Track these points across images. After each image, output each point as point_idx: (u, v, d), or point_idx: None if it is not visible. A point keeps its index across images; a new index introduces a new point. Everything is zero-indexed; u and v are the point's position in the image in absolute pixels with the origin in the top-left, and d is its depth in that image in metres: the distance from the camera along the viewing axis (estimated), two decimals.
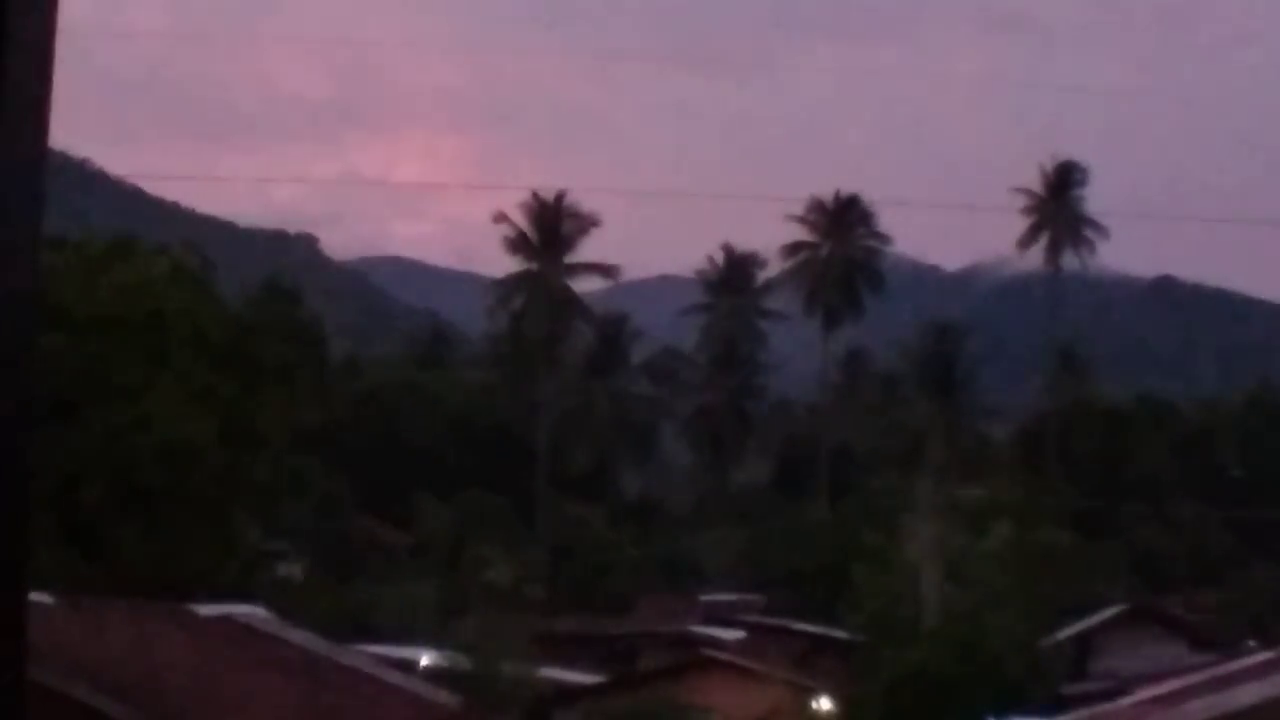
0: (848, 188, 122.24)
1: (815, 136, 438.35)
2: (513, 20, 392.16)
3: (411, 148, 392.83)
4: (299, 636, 36.08)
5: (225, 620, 34.17)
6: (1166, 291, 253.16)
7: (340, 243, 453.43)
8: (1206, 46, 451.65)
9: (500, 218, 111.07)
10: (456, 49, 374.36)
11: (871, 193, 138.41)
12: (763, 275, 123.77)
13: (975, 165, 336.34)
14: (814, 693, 56.92)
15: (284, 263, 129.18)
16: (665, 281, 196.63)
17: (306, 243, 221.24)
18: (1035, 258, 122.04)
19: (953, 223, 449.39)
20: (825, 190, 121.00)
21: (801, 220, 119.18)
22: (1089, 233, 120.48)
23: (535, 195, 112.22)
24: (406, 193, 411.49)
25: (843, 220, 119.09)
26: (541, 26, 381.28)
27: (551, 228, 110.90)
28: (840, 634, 62.45)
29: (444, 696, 37.79)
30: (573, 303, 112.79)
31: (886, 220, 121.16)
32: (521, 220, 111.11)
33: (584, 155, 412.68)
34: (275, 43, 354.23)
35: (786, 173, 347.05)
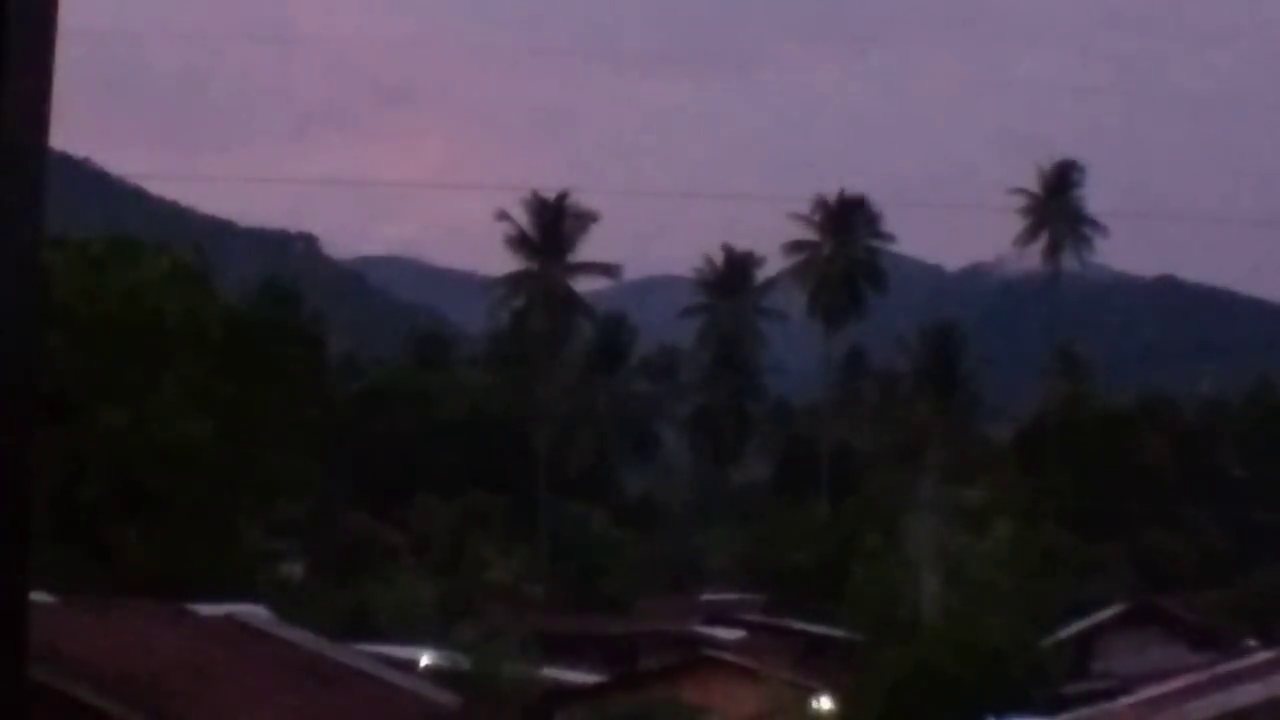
0: (848, 188, 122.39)
1: (814, 137, 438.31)
2: (515, 20, 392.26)
3: (412, 147, 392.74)
4: (299, 636, 36.04)
5: (226, 620, 34.14)
6: (1166, 291, 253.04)
7: (340, 243, 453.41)
8: (1204, 43, 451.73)
9: (501, 217, 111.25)
10: (458, 49, 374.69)
11: (871, 192, 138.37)
12: (762, 275, 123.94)
13: (976, 165, 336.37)
14: (814, 692, 56.91)
15: (284, 263, 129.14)
16: (665, 281, 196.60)
17: (306, 243, 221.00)
18: (1035, 258, 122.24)
19: (953, 223, 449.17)
20: (825, 190, 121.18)
21: (804, 220, 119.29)
22: (1088, 232, 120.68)
23: (536, 194, 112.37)
24: (407, 192, 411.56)
25: (845, 220, 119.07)
26: (545, 26, 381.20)
27: (552, 227, 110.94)
28: (840, 634, 62.44)
29: (444, 696, 37.79)
30: (573, 302, 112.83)
31: (887, 220, 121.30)
32: (522, 219, 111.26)
33: (584, 154, 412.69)
34: (277, 43, 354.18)
35: (786, 173, 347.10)
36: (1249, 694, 27.98)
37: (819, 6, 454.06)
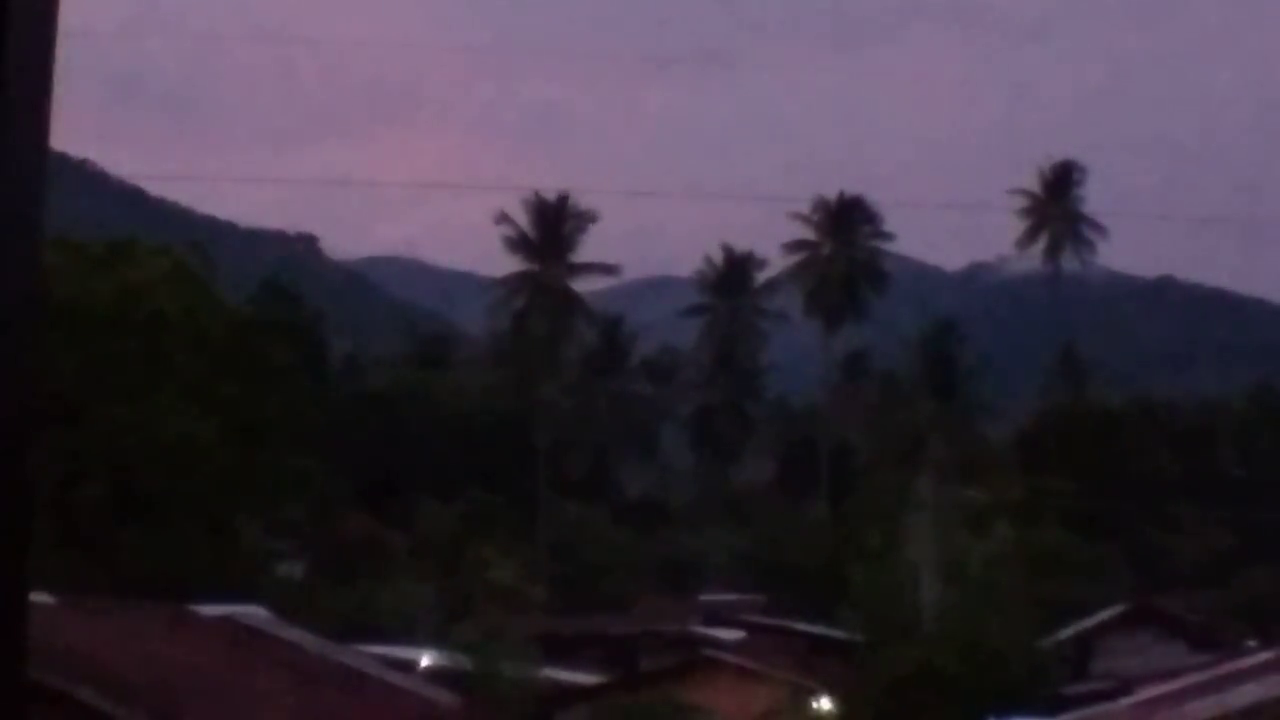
0: (848, 188, 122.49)
1: (814, 136, 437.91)
2: (517, 21, 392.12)
3: (412, 147, 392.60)
4: (299, 636, 36.07)
5: (225, 620, 34.16)
6: (1166, 291, 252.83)
7: (340, 243, 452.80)
8: (1202, 42, 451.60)
9: (501, 218, 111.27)
10: (459, 50, 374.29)
11: (871, 193, 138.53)
12: (763, 275, 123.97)
13: (976, 165, 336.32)
14: (814, 693, 56.90)
15: (284, 263, 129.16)
16: (665, 281, 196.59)
17: (306, 243, 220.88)
18: (1035, 258, 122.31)
19: (953, 223, 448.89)
20: (825, 191, 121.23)
21: (804, 220, 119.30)
22: (1089, 232, 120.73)
23: (536, 195, 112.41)
24: (407, 192, 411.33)
25: (845, 220, 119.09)
26: (544, 27, 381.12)
27: (552, 228, 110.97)
28: (840, 634, 62.40)
29: (444, 696, 37.80)
30: (573, 303, 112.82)
31: (887, 220, 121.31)
32: (522, 220, 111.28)
33: (584, 155, 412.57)
34: (277, 43, 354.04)
35: (786, 174, 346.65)
36: (1249, 694, 27.99)
37: (818, 5, 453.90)
